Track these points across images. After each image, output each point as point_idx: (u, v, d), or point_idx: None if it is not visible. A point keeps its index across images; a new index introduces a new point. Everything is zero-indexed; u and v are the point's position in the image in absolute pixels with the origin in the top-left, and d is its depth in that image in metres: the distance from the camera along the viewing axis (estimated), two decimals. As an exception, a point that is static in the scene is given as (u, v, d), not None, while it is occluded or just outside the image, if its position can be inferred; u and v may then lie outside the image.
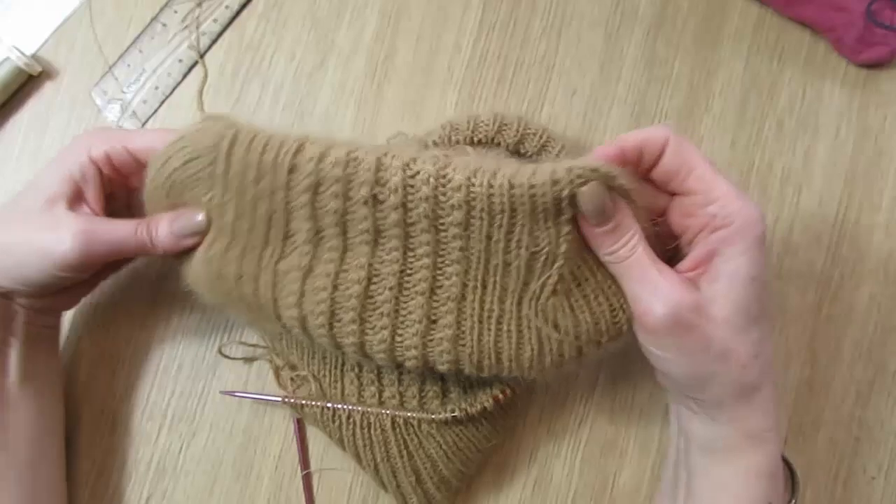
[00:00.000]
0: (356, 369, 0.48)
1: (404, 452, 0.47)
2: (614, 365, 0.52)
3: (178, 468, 0.51)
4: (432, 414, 0.46)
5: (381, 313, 0.40)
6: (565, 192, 0.36)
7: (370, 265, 0.39)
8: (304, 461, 0.51)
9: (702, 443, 0.42)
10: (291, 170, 0.37)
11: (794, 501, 0.50)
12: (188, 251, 0.43)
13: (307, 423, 0.51)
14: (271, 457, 0.51)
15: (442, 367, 0.41)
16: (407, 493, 0.48)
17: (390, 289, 0.39)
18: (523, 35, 0.54)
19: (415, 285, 0.39)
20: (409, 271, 0.39)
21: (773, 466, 0.41)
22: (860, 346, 0.52)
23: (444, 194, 0.37)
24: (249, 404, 0.52)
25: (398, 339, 0.40)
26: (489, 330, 0.40)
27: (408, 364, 0.41)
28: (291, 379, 0.50)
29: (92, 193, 0.43)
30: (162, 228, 0.42)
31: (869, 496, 0.51)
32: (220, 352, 0.51)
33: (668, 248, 0.42)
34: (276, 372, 0.50)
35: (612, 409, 0.52)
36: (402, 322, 0.40)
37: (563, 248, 0.38)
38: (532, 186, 0.36)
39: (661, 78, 0.54)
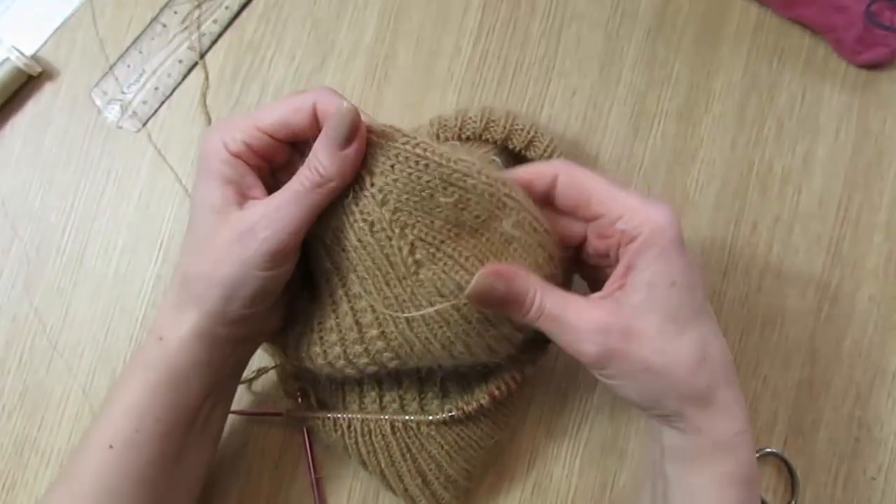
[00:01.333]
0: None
1: (407, 456, 0.47)
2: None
3: (178, 469, 0.51)
4: (430, 415, 0.46)
5: (329, 328, 0.42)
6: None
7: (315, 290, 0.42)
8: (314, 468, 0.51)
9: (673, 453, 0.41)
10: None
11: (794, 502, 0.51)
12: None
13: (313, 435, 0.51)
14: (271, 458, 0.51)
15: (393, 365, 0.42)
16: (415, 495, 0.48)
17: (329, 306, 0.42)
18: (523, 36, 0.54)
19: (334, 293, 0.41)
20: (328, 280, 0.42)
21: (746, 473, 0.40)
22: (860, 346, 0.52)
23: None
24: (249, 406, 0.52)
25: (347, 350, 0.42)
26: (399, 320, 0.40)
27: (368, 371, 0.43)
28: (299, 390, 0.50)
29: (253, 185, 0.40)
30: (320, 153, 0.38)
31: (869, 496, 0.51)
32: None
33: (606, 269, 0.41)
34: (283, 381, 0.50)
35: (611, 409, 0.52)
36: (343, 332, 0.42)
37: (387, 216, 0.38)
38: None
39: (661, 79, 0.54)
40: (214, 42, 0.55)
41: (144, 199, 0.54)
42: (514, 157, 0.49)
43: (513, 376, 0.46)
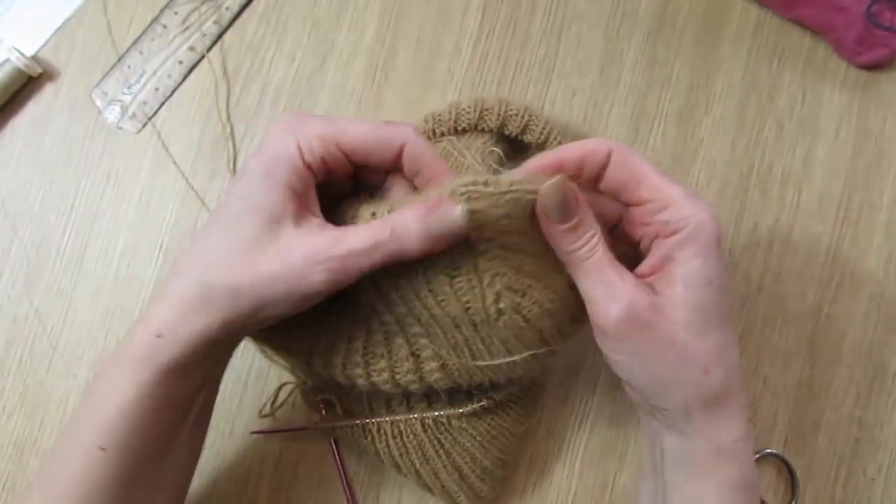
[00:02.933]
0: None
1: (441, 452, 0.47)
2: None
3: (178, 470, 0.51)
4: (460, 408, 0.46)
5: (380, 355, 0.42)
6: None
7: (365, 314, 0.41)
8: (346, 484, 0.51)
9: (674, 458, 0.40)
10: None
11: (794, 502, 0.51)
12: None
13: (342, 444, 0.51)
14: (271, 458, 0.51)
15: (442, 388, 0.43)
16: (453, 491, 0.48)
17: (378, 332, 0.42)
18: (523, 37, 0.55)
19: (389, 326, 0.41)
20: (380, 316, 0.41)
21: (747, 479, 0.39)
22: (860, 347, 0.52)
23: None
24: (249, 407, 0.52)
25: (397, 376, 0.42)
26: (463, 354, 0.40)
27: (414, 391, 0.43)
28: (320, 402, 0.50)
29: (312, 203, 0.38)
30: (410, 224, 0.35)
31: (869, 497, 0.51)
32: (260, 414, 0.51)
33: (628, 255, 0.41)
34: (304, 394, 0.50)
35: (611, 411, 0.52)
36: (395, 362, 0.42)
37: (480, 265, 0.37)
38: None
39: (661, 80, 0.54)
40: (214, 43, 0.55)
41: (145, 199, 0.54)
42: (511, 144, 0.50)
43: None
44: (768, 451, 0.51)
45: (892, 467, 0.51)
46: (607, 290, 0.37)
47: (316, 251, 0.35)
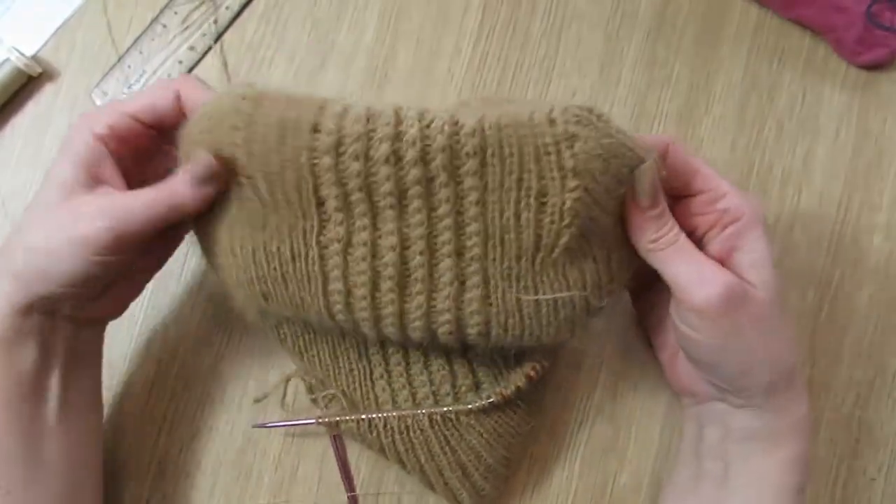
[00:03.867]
0: (386, 377, 0.48)
1: (447, 449, 0.47)
2: (614, 365, 0.52)
3: (177, 470, 0.51)
4: (469, 404, 0.46)
5: (416, 279, 0.40)
6: (560, 131, 0.36)
7: (399, 230, 0.39)
8: (349, 480, 0.50)
9: (744, 434, 0.42)
10: (314, 128, 0.36)
11: (794, 502, 0.51)
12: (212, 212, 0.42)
13: (345, 440, 0.51)
14: (271, 458, 0.51)
15: (472, 331, 0.41)
16: (456, 489, 0.47)
17: (421, 253, 0.39)
18: (523, 37, 0.55)
19: (441, 248, 0.39)
20: (434, 233, 0.39)
21: (807, 453, 0.42)
22: (860, 347, 0.52)
23: (458, 142, 0.36)
24: (249, 407, 0.52)
25: (432, 304, 0.40)
26: (510, 287, 0.40)
27: (441, 331, 0.41)
28: (322, 397, 0.50)
29: (109, 172, 0.41)
30: (181, 181, 0.40)
31: (869, 497, 0.51)
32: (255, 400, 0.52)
33: None
34: (309, 388, 0.50)
35: (612, 409, 0.52)
36: (436, 286, 0.40)
37: (568, 203, 0.37)
38: (533, 125, 0.36)
39: (661, 80, 0.54)
40: (214, 42, 0.55)
41: (144, 199, 0.54)
42: None
43: (545, 357, 0.46)
44: (768, 451, 0.51)
45: (892, 467, 0.51)
46: (700, 273, 0.39)
47: (100, 205, 0.39)
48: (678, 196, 0.42)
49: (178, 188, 0.40)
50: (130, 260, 0.41)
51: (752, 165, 0.53)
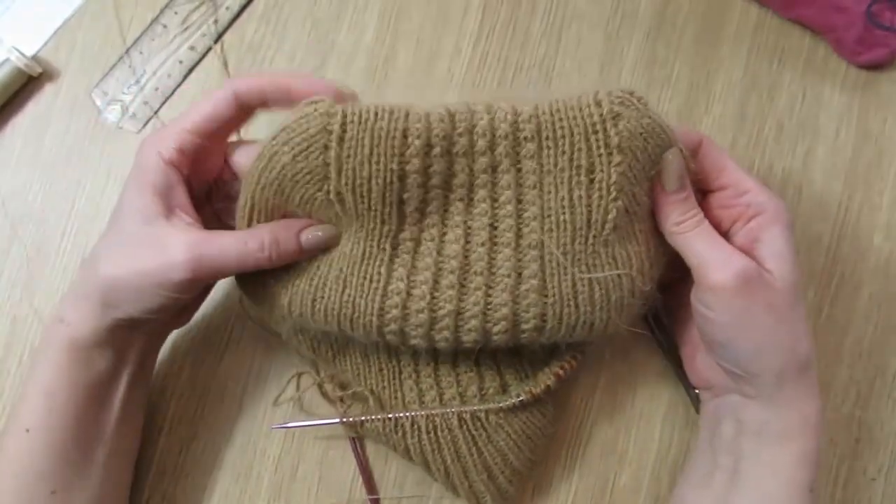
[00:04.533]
0: (414, 376, 0.48)
1: (474, 450, 0.46)
2: (615, 366, 0.52)
3: (177, 469, 0.51)
4: (499, 402, 0.46)
5: (475, 272, 0.41)
6: (605, 111, 0.39)
7: (465, 223, 0.41)
8: (368, 483, 0.51)
9: (756, 427, 0.43)
10: (404, 134, 0.38)
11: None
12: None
13: (367, 440, 0.51)
14: (271, 458, 0.51)
15: (527, 327, 0.41)
16: (480, 492, 0.47)
17: (482, 245, 0.41)
18: (523, 37, 0.55)
19: (501, 236, 0.41)
20: (496, 223, 0.41)
21: (817, 451, 0.42)
22: (860, 347, 0.52)
23: (518, 129, 0.39)
24: (249, 407, 0.52)
25: (489, 298, 0.41)
26: (566, 273, 0.41)
27: (496, 329, 0.41)
28: (341, 399, 0.50)
29: (181, 198, 0.42)
30: (289, 241, 0.42)
31: (869, 497, 0.51)
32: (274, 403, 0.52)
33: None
34: (321, 389, 0.50)
35: (612, 410, 0.52)
36: (494, 279, 0.41)
37: (614, 177, 0.40)
38: (580, 108, 0.39)
39: (661, 79, 0.54)
40: (215, 42, 0.55)
41: (144, 199, 0.54)
42: None
43: (573, 356, 0.47)
44: (768, 451, 0.51)
45: (892, 467, 0.51)
46: (720, 254, 0.41)
47: (187, 250, 0.40)
48: (708, 190, 0.45)
49: (287, 248, 0.42)
50: (200, 290, 0.44)
51: (752, 165, 0.53)
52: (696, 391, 0.49)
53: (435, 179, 0.40)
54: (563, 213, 0.40)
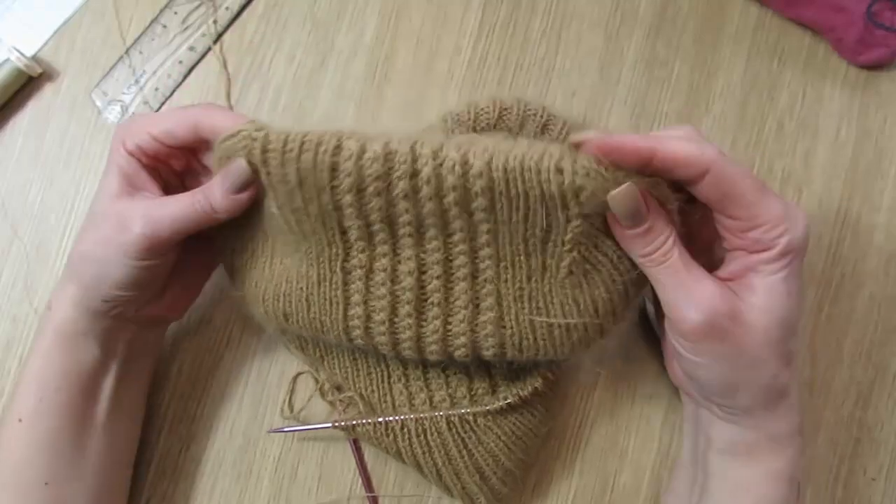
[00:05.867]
0: (403, 380, 0.48)
1: (464, 452, 0.46)
2: (615, 366, 0.52)
3: (177, 470, 0.51)
4: (486, 405, 0.46)
5: (432, 303, 0.41)
6: (566, 182, 0.36)
7: (417, 256, 0.40)
8: (367, 482, 0.51)
9: (722, 445, 0.42)
10: (332, 169, 0.37)
11: (794, 502, 0.50)
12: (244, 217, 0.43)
13: (362, 443, 0.51)
14: (271, 458, 0.51)
15: (487, 353, 0.42)
16: (473, 493, 0.47)
17: (437, 278, 0.41)
18: (523, 36, 0.54)
19: (456, 271, 0.40)
20: (450, 258, 0.40)
21: (793, 471, 0.41)
22: (860, 347, 0.52)
23: (468, 181, 0.36)
24: (249, 407, 0.52)
25: (448, 327, 0.41)
26: (523, 308, 0.40)
27: (457, 354, 0.42)
28: (339, 401, 0.50)
29: (145, 181, 0.43)
30: (216, 190, 0.41)
31: (869, 497, 0.51)
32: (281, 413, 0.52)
33: (701, 247, 0.41)
34: (322, 390, 0.51)
35: (612, 409, 0.52)
36: (451, 310, 0.41)
37: (569, 236, 0.38)
38: (538, 172, 0.36)
39: (661, 79, 0.54)
40: (214, 42, 0.55)
41: (144, 199, 0.54)
42: None
43: (558, 362, 0.47)
44: (768, 451, 0.51)
45: (893, 467, 0.51)
46: (686, 296, 0.38)
47: (137, 212, 0.42)
48: (720, 213, 0.39)
49: (211, 194, 0.41)
50: (171, 261, 0.44)
51: (752, 165, 0.53)
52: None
53: (375, 214, 0.38)
54: (518, 256, 0.39)
